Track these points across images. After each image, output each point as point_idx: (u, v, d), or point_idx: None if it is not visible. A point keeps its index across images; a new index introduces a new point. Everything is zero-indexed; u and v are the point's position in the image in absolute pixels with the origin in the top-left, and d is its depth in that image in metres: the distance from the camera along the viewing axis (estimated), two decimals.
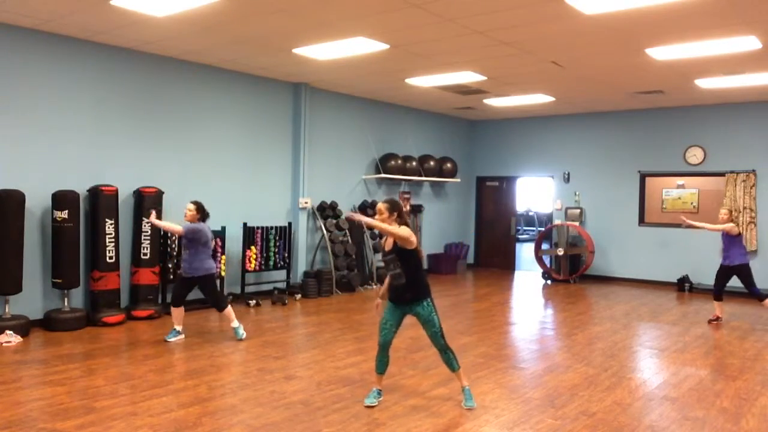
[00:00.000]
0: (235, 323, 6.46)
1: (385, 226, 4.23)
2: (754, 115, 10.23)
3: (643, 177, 11.40)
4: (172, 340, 6.30)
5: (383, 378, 4.54)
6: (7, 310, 6.35)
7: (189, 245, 6.24)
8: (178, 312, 6.37)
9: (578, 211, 11.85)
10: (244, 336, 6.44)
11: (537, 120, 12.56)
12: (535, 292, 10.45)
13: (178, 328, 6.38)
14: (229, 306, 6.51)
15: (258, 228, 8.73)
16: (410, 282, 4.33)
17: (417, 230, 11.97)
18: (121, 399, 4.47)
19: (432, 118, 12.34)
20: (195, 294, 6.69)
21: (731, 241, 7.51)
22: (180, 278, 6.43)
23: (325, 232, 9.62)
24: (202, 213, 6.31)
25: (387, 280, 4.48)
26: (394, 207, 4.36)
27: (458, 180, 12.51)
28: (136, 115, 7.64)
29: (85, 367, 5.29)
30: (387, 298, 4.46)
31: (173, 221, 7.80)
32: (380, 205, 4.36)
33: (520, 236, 18.08)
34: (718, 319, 7.73)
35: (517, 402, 4.60)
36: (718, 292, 7.73)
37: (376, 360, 4.46)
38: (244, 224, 8.58)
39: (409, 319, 4.49)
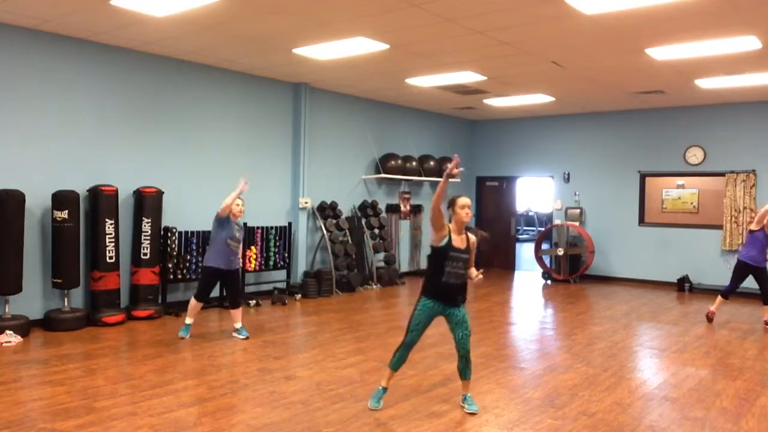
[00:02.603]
0: (239, 324, 6.49)
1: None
2: (754, 115, 10.23)
3: (643, 177, 11.40)
4: (188, 335, 6.38)
5: (393, 375, 4.48)
6: (7, 310, 6.35)
7: (238, 239, 6.35)
8: (198, 307, 6.45)
9: (578, 211, 11.85)
10: (247, 335, 6.45)
11: (537, 120, 12.56)
12: (535, 292, 10.45)
13: (189, 321, 6.43)
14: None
15: (258, 228, 8.73)
16: (465, 285, 4.32)
17: (417, 230, 11.98)
18: (121, 399, 4.47)
19: (432, 118, 12.34)
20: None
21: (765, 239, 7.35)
22: (215, 272, 6.35)
23: (325, 232, 9.62)
24: None
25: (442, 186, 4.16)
26: None
27: (458, 180, 12.49)
28: (136, 115, 7.64)
29: (85, 367, 5.29)
30: (428, 299, 4.28)
31: (172, 221, 7.82)
32: (468, 200, 4.31)
33: (520, 236, 18.07)
34: (713, 315, 7.69)
35: (517, 402, 4.60)
36: (732, 291, 7.61)
37: (397, 356, 4.35)
38: (244, 224, 8.56)
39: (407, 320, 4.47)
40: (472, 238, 4.42)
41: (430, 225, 4.27)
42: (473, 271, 4.39)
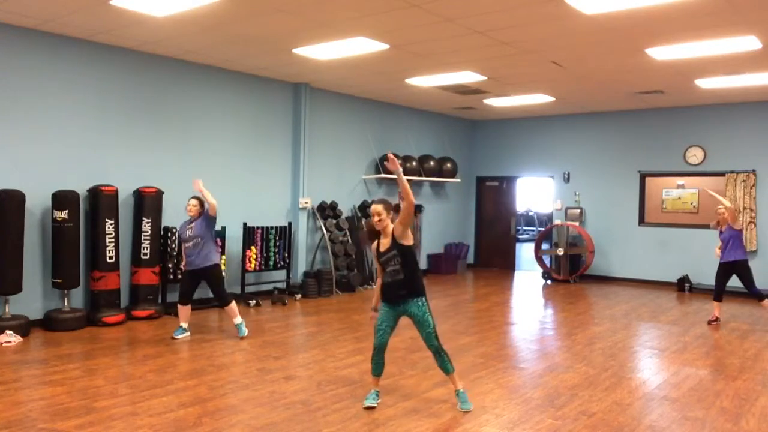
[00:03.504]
0: (238, 320, 6.49)
1: (407, 186, 4.11)
2: (754, 115, 10.23)
3: (643, 177, 11.40)
4: (179, 337, 6.37)
5: (380, 380, 4.52)
6: (7, 310, 6.35)
7: (202, 236, 6.26)
8: (185, 310, 6.42)
9: (578, 211, 11.85)
10: (246, 333, 6.46)
11: (537, 120, 12.56)
12: (535, 292, 10.45)
13: (184, 325, 6.44)
14: (233, 302, 6.53)
15: (258, 228, 8.73)
16: (407, 279, 4.29)
17: (417, 230, 11.97)
18: (121, 399, 4.47)
19: (432, 118, 12.34)
20: (198, 293, 6.67)
21: (735, 236, 7.47)
22: (187, 273, 6.41)
23: (325, 232, 9.62)
24: (203, 207, 6.36)
25: (378, 288, 4.45)
26: (388, 205, 4.36)
27: (458, 180, 12.50)
28: (137, 115, 7.64)
29: (85, 367, 5.29)
30: (381, 302, 4.42)
31: (172, 221, 7.82)
32: (377, 207, 4.30)
33: (520, 236, 18.08)
34: (717, 320, 7.72)
35: (517, 402, 4.60)
36: (719, 292, 7.69)
37: (372, 362, 4.42)
38: (244, 224, 8.58)
39: (407, 319, 4.48)
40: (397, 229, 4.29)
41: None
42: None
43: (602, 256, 11.69)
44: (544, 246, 12.39)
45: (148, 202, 7.41)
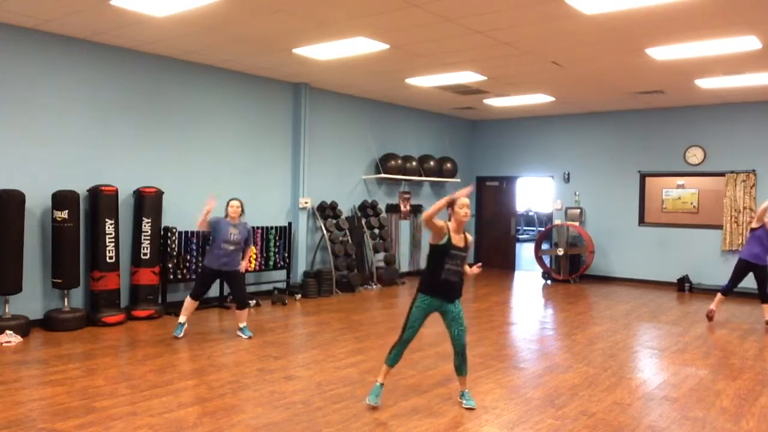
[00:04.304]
0: (243, 324, 6.52)
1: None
2: (754, 115, 10.23)
3: (643, 177, 11.40)
4: (181, 334, 6.38)
5: (389, 372, 4.49)
6: (7, 310, 6.35)
7: (240, 241, 6.38)
8: (193, 305, 6.46)
9: (578, 211, 11.85)
10: (250, 335, 6.47)
11: (537, 120, 12.56)
12: (535, 292, 10.45)
13: (182, 320, 6.44)
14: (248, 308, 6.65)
15: (258, 228, 8.73)
16: (461, 281, 4.39)
17: (417, 230, 11.98)
18: (121, 399, 4.47)
19: (432, 118, 12.34)
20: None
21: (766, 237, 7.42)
22: (209, 270, 6.39)
23: (325, 232, 9.62)
24: (243, 210, 6.50)
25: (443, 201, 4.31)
26: None
27: (458, 180, 12.50)
28: (136, 115, 7.64)
29: (85, 367, 5.29)
30: (426, 295, 4.33)
31: (172, 221, 7.82)
32: (467, 200, 4.38)
33: (520, 236, 18.08)
34: (712, 312, 7.68)
35: (517, 402, 4.60)
36: (732, 289, 7.62)
37: (393, 352, 4.39)
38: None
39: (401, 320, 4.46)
40: (470, 237, 4.51)
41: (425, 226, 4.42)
42: (467, 268, 4.51)
43: (602, 256, 11.69)
44: (544, 246, 12.39)
45: (148, 202, 7.41)
